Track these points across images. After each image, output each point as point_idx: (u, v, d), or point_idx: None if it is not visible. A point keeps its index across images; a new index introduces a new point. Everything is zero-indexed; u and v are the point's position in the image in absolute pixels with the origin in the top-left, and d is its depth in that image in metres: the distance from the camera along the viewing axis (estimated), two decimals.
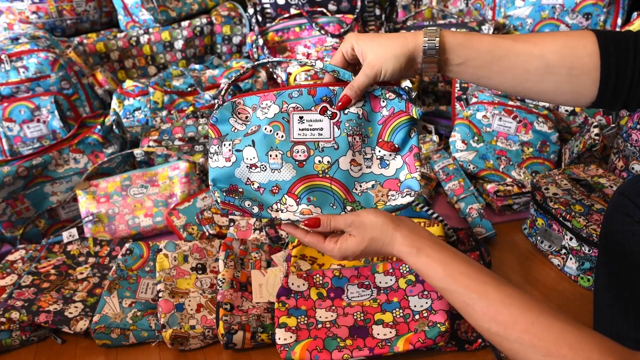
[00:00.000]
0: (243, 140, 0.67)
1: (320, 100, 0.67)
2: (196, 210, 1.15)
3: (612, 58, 0.58)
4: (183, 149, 1.28)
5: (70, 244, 1.10)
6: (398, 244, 0.63)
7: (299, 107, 0.67)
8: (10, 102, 1.34)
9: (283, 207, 0.68)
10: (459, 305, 0.58)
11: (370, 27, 1.64)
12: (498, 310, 0.54)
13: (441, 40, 0.62)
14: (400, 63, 0.62)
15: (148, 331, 0.88)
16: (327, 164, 0.67)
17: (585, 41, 0.60)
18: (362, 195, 0.68)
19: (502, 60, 0.62)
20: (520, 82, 0.63)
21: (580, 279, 0.97)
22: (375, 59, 0.62)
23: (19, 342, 0.90)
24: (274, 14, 1.61)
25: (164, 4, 1.57)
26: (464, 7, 1.72)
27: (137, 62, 1.61)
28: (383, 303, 0.87)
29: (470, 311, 0.56)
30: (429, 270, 0.60)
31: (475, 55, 0.62)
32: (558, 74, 0.60)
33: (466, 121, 1.30)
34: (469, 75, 0.65)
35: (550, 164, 1.23)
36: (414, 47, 0.62)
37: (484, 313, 0.55)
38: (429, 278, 0.61)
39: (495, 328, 0.54)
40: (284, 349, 0.81)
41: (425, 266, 0.61)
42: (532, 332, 0.51)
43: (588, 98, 0.61)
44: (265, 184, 0.68)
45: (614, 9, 1.44)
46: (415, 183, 0.67)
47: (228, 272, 0.92)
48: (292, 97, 0.67)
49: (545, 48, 0.61)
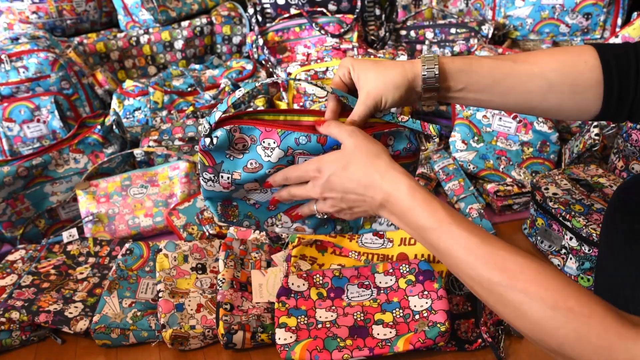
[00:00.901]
0: (243, 176, 0.63)
1: (331, 149, 0.61)
2: (196, 210, 1.15)
3: (614, 71, 0.58)
4: (183, 149, 1.28)
5: (70, 244, 1.10)
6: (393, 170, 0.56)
7: (306, 153, 0.61)
8: (10, 102, 1.34)
9: (278, 222, 0.69)
10: (456, 250, 0.51)
11: (370, 27, 1.64)
12: (504, 257, 0.49)
13: (440, 68, 0.60)
14: (401, 93, 0.61)
15: (148, 331, 0.88)
16: None
17: (585, 57, 0.59)
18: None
19: (502, 82, 0.61)
20: (524, 102, 0.62)
21: (580, 279, 0.97)
22: (374, 88, 0.60)
23: (19, 342, 0.90)
24: (274, 14, 1.61)
25: (164, 4, 1.57)
26: (464, 7, 1.72)
27: (137, 62, 1.61)
28: (383, 303, 0.87)
29: (471, 257, 0.50)
30: (427, 206, 0.53)
31: (475, 79, 0.61)
32: (561, 92, 0.60)
33: (466, 121, 1.30)
34: (470, 101, 0.63)
35: (550, 164, 1.23)
36: (413, 77, 0.61)
37: (486, 260, 0.49)
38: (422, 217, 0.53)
39: (499, 277, 0.48)
40: (284, 349, 0.81)
41: (423, 201, 0.53)
42: (539, 282, 0.47)
43: (592, 112, 0.61)
44: (263, 202, 0.68)
45: (614, 9, 1.44)
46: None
47: (228, 272, 0.92)
48: (298, 144, 0.60)
49: (546, 66, 0.60)
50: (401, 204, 0.55)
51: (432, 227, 0.53)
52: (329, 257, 0.96)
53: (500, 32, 1.54)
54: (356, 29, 1.54)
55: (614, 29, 1.46)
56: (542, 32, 1.51)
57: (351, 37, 1.53)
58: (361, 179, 0.56)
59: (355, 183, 0.57)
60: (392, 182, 0.55)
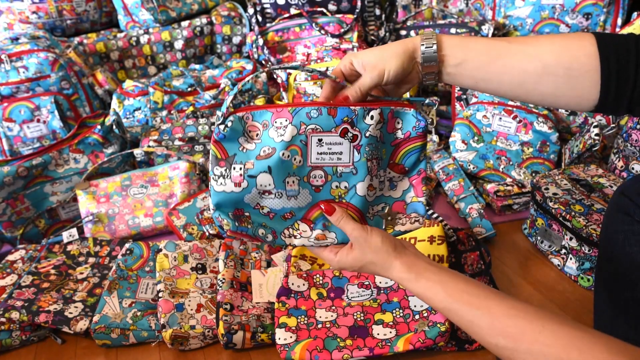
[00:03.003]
0: (257, 165, 0.61)
1: (342, 122, 0.61)
2: (196, 210, 1.15)
3: (612, 60, 0.58)
4: (183, 149, 1.28)
5: (70, 244, 1.10)
6: (397, 271, 0.63)
7: (318, 129, 0.61)
8: (10, 102, 1.34)
9: (296, 232, 0.65)
10: (464, 324, 0.58)
11: (370, 27, 1.64)
12: (504, 323, 0.54)
13: (438, 43, 0.62)
14: (402, 61, 0.62)
15: (148, 331, 0.88)
16: (344, 189, 0.64)
17: (583, 42, 0.59)
18: (374, 219, 0.67)
19: (498, 60, 0.62)
20: (519, 84, 0.62)
21: (580, 279, 0.97)
22: (376, 60, 0.62)
23: (19, 342, 0.90)
24: (274, 14, 1.61)
25: (164, 4, 1.57)
26: (464, 7, 1.72)
27: (137, 62, 1.61)
28: (383, 303, 0.87)
29: (476, 328, 0.56)
30: (430, 293, 0.60)
31: (472, 55, 0.62)
32: (556, 74, 0.60)
33: (466, 121, 1.30)
34: (466, 78, 0.64)
35: (550, 164, 1.23)
36: (413, 48, 0.63)
37: (490, 328, 0.55)
38: (430, 300, 0.61)
39: (504, 342, 0.53)
40: (284, 349, 0.81)
41: (425, 289, 0.61)
42: (540, 341, 0.51)
43: (590, 102, 0.61)
44: (278, 210, 0.64)
45: (614, 9, 1.44)
46: (421, 207, 0.67)
47: (228, 272, 0.92)
48: (310, 118, 0.60)
49: (542, 48, 0.61)
50: (408, 290, 0.64)
51: (438, 308, 0.61)
52: None
53: (500, 32, 1.54)
54: (356, 29, 1.54)
55: (614, 29, 1.46)
56: (542, 32, 1.51)
57: (351, 37, 1.53)
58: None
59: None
60: (400, 279, 0.63)
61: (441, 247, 0.93)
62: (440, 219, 1.02)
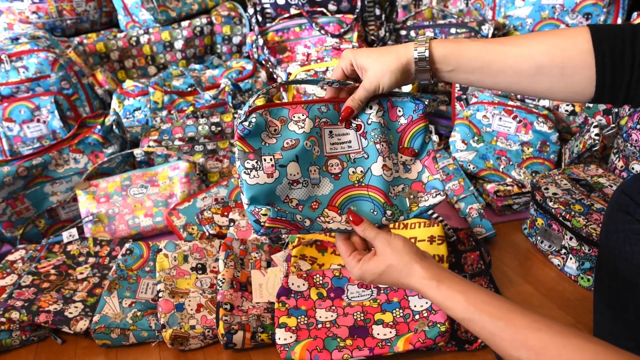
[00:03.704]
0: (285, 155, 0.65)
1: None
2: (196, 210, 1.15)
3: (607, 54, 0.57)
4: (183, 149, 1.28)
5: (70, 244, 1.10)
6: (417, 276, 0.63)
7: (329, 122, 0.68)
8: (10, 102, 1.34)
9: (327, 218, 0.67)
10: (486, 335, 0.57)
11: (370, 27, 1.64)
12: (527, 336, 0.53)
13: (430, 51, 0.64)
14: (397, 77, 0.65)
15: (148, 331, 0.88)
16: (360, 173, 0.68)
17: (577, 39, 0.59)
18: (397, 199, 0.69)
19: (491, 64, 0.62)
20: (514, 83, 0.63)
21: (580, 278, 0.97)
22: (373, 75, 0.65)
23: (19, 342, 0.90)
24: (274, 14, 1.61)
25: (164, 4, 1.57)
26: (464, 7, 1.72)
27: (137, 62, 1.61)
28: (383, 303, 0.87)
29: (498, 340, 0.55)
30: (451, 301, 0.60)
31: (464, 62, 0.64)
32: (550, 74, 0.60)
33: (466, 121, 1.30)
34: (462, 80, 0.66)
35: (550, 164, 1.23)
36: (407, 60, 0.64)
37: (512, 340, 0.54)
38: (450, 309, 0.60)
39: (526, 355, 0.52)
40: (284, 349, 0.81)
41: (446, 297, 0.60)
42: (565, 356, 0.50)
43: (586, 95, 0.61)
44: (305, 200, 0.66)
45: (614, 9, 1.44)
46: (439, 183, 0.69)
47: (228, 272, 0.92)
48: (322, 112, 0.68)
49: (534, 49, 0.61)
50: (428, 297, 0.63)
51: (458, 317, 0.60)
52: (329, 257, 0.96)
53: (500, 32, 1.54)
54: (356, 29, 1.54)
55: None
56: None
57: (351, 37, 1.53)
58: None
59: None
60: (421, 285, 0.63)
61: (441, 247, 0.93)
62: (440, 219, 1.02)
